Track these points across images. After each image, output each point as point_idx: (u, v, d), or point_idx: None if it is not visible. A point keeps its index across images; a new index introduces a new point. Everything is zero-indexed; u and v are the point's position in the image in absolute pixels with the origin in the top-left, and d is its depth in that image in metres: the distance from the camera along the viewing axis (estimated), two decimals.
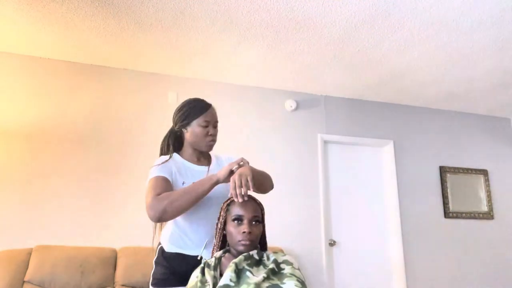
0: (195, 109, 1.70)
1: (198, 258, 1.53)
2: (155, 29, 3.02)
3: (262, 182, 1.67)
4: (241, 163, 1.53)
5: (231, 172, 1.52)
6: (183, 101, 1.78)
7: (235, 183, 1.44)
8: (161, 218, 1.51)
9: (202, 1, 2.67)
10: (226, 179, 1.53)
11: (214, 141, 1.74)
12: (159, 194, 1.53)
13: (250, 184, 1.45)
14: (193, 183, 1.58)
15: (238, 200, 1.44)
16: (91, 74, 3.57)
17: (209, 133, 1.71)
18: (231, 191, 1.45)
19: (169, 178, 1.63)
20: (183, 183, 1.64)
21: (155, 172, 1.64)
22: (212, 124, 1.72)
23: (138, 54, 3.42)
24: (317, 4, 2.71)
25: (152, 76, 3.75)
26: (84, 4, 2.71)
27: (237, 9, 2.77)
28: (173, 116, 1.77)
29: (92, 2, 2.69)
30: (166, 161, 1.68)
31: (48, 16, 2.84)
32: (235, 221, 1.43)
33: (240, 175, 1.46)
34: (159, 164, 1.66)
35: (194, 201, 1.53)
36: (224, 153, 1.97)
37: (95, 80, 3.57)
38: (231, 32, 3.06)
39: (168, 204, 1.49)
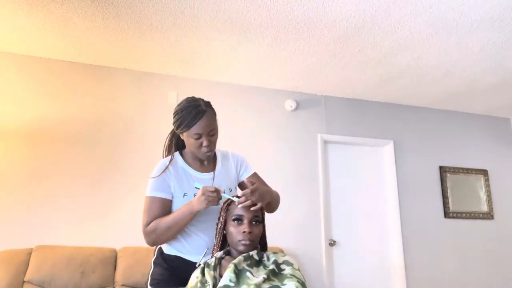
0: (186, 120, 1.55)
1: (197, 265, 1.53)
2: (155, 29, 3.02)
3: (273, 207, 1.71)
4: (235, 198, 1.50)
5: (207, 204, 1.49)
6: (181, 100, 1.66)
7: (249, 194, 1.45)
8: (154, 245, 1.66)
9: (202, 1, 2.67)
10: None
11: (210, 151, 1.61)
12: (149, 222, 1.58)
13: (258, 206, 1.46)
14: (174, 214, 1.56)
15: (237, 204, 1.45)
16: (91, 74, 3.57)
17: (203, 145, 1.58)
18: (242, 198, 1.46)
19: (167, 195, 1.61)
20: (184, 195, 1.61)
21: (151, 188, 1.62)
22: (205, 134, 1.57)
23: (138, 54, 3.42)
24: (317, 4, 2.71)
25: (152, 76, 3.75)
26: (84, 4, 2.71)
27: (237, 9, 2.77)
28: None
29: (92, 2, 2.69)
30: (165, 169, 1.62)
31: (48, 16, 2.84)
32: (235, 221, 1.44)
33: (262, 196, 1.48)
34: (157, 176, 1.61)
35: (178, 233, 1.59)
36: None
37: (95, 80, 3.57)
38: (231, 32, 3.06)
39: (156, 237, 1.58)
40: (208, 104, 1.63)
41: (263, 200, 1.50)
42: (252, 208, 1.45)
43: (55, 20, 2.90)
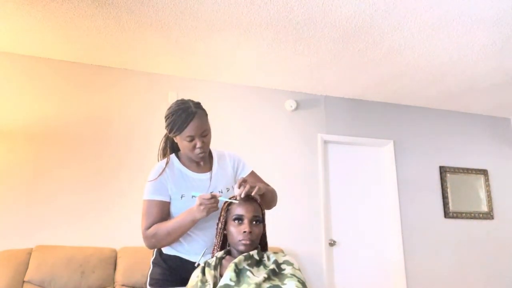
0: (177, 124, 1.54)
1: (196, 265, 1.53)
2: (155, 29, 3.02)
3: (270, 202, 1.71)
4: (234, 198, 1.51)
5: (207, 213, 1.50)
6: (170, 104, 1.63)
7: (245, 186, 1.46)
8: (154, 248, 1.66)
9: (202, 1, 2.67)
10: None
11: (204, 152, 1.60)
12: (149, 226, 1.58)
13: (255, 190, 1.47)
14: (174, 221, 1.55)
15: (241, 196, 1.45)
16: (91, 74, 3.57)
17: (196, 146, 1.58)
18: (239, 191, 1.47)
19: (164, 198, 1.61)
20: (181, 196, 1.61)
21: (149, 191, 1.61)
22: (198, 136, 1.57)
23: (138, 54, 3.41)
24: (317, 4, 2.71)
25: (152, 76, 3.75)
26: (84, 4, 2.71)
27: (237, 9, 2.77)
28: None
29: (92, 2, 2.69)
30: (162, 172, 1.61)
31: (48, 16, 2.84)
32: (236, 221, 1.44)
33: (259, 189, 1.49)
34: (154, 180, 1.61)
35: (178, 238, 1.59)
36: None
37: (95, 80, 3.57)
38: (231, 32, 3.06)
39: (156, 242, 1.59)
40: (198, 105, 1.61)
41: (258, 189, 1.49)
42: (253, 193, 1.45)
43: (55, 20, 2.90)
